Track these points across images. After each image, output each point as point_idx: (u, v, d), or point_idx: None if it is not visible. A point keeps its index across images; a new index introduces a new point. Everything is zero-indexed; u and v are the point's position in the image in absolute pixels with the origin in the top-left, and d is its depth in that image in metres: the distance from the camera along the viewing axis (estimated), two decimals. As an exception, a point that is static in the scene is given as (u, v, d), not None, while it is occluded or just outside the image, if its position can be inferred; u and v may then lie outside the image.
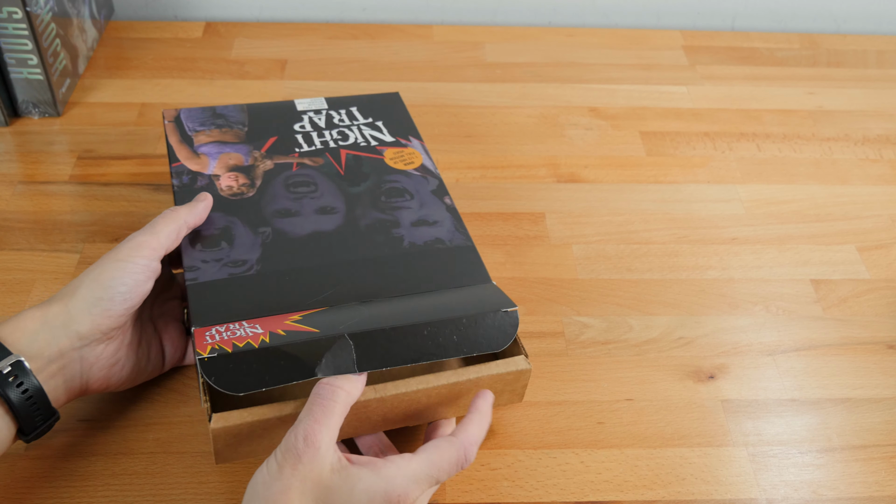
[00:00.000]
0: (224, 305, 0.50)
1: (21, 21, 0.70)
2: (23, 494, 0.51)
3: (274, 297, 0.51)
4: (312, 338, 0.47)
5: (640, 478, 0.53)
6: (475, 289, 0.53)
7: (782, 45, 0.93)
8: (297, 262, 0.53)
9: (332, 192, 0.58)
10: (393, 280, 0.53)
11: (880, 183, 0.75)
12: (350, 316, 0.49)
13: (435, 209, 0.58)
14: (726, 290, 0.65)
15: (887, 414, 0.57)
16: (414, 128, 0.67)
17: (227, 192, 0.57)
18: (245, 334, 0.47)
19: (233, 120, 0.64)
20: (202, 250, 0.53)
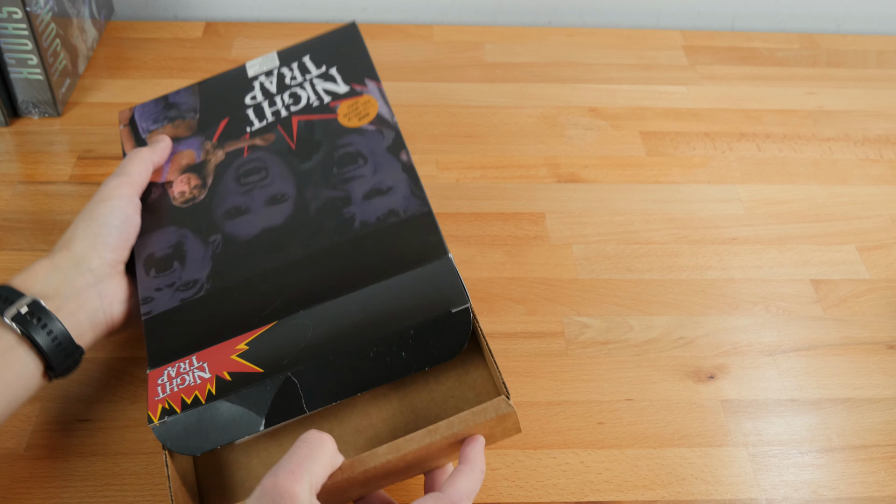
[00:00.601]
0: (176, 338, 0.49)
1: (21, 21, 0.70)
2: (23, 494, 0.51)
3: (222, 318, 0.50)
4: (257, 382, 0.46)
5: (639, 478, 0.53)
6: (428, 271, 0.49)
7: (782, 45, 0.93)
8: (245, 271, 0.52)
9: (282, 175, 0.56)
10: (341, 274, 0.50)
11: (880, 183, 0.75)
12: (295, 340, 0.47)
13: (390, 172, 0.56)
14: (726, 290, 0.65)
15: (887, 414, 0.57)
16: (371, 67, 0.63)
17: (179, 199, 0.56)
18: (193, 381, 0.46)
19: (185, 108, 0.63)
20: (156, 276, 0.52)
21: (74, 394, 0.56)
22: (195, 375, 0.46)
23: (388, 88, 0.83)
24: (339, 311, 0.48)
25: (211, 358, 0.48)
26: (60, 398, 0.56)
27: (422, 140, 0.77)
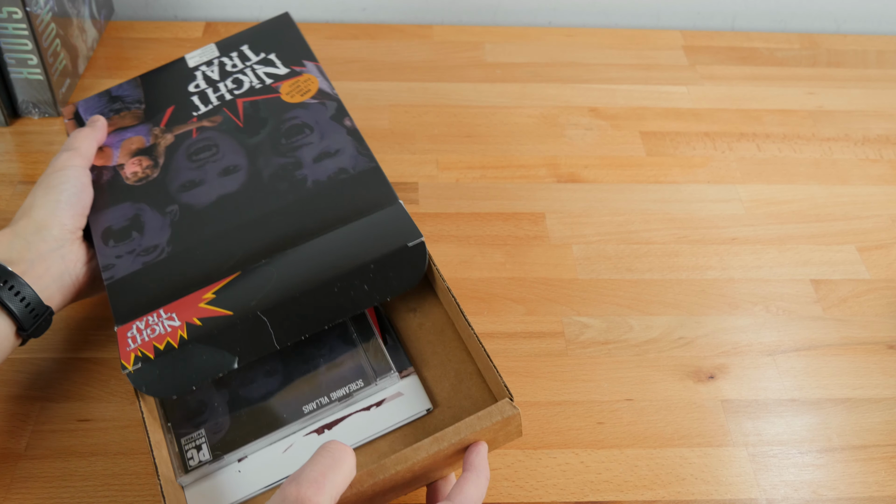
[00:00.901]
0: (142, 297, 0.51)
1: (21, 21, 0.70)
2: (23, 494, 0.51)
3: (187, 274, 0.52)
4: (228, 323, 0.48)
5: (639, 478, 0.53)
6: (381, 216, 0.53)
7: (782, 45, 0.93)
8: (206, 233, 0.54)
9: (233, 150, 0.59)
10: (300, 226, 0.53)
11: (880, 183, 0.75)
12: (260, 284, 0.50)
13: (336, 137, 0.59)
14: (726, 290, 0.65)
15: (887, 414, 0.57)
16: (308, 50, 0.65)
17: (132, 179, 0.58)
18: (164, 331, 0.48)
19: (129, 100, 0.64)
20: (115, 245, 0.54)
21: (74, 394, 0.56)
22: (165, 325, 0.49)
23: (388, 88, 0.83)
24: (301, 257, 0.51)
25: (178, 309, 0.50)
26: (60, 398, 0.56)
27: (422, 140, 0.77)
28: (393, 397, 0.49)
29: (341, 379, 0.50)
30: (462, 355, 0.52)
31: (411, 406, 0.49)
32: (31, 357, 0.58)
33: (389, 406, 0.49)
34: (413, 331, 0.54)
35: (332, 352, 0.51)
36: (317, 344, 0.51)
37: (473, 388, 0.51)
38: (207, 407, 0.49)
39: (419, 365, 0.52)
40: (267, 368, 0.51)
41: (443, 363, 0.52)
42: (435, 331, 0.53)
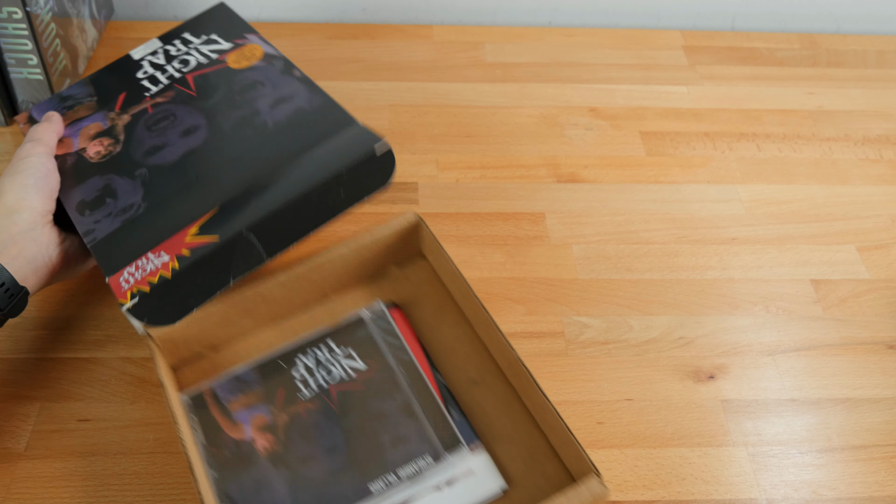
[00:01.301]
0: (126, 248, 0.53)
1: (21, 21, 0.70)
2: (23, 494, 0.51)
3: (168, 221, 0.54)
4: (216, 246, 0.51)
5: (640, 478, 0.53)
6: (343, 135, 0.56)
7: (782, 45, 0.93)
8: (178, 184, 0.56)
9: (189, 114, 0.61)
10: (269, 160, 0.56)
11: (880, 183, 0.75)
12: (241, 209, 0.52)
13: (287, 86, 0.62)
14: (726, 290, 0.65)
15: (887, 414, 0.57)
16: (248, 25, 0.69)
17: (96, 157, 0.60)
18: (155, 267, 0.50)
19: (80, 96, 0.66)
20: (91, 213, 0.56)
21: (74, 394, 0.56)
22: (155, 263, 0.51)
23: (388, 88, 0.83)
24: (276, 181, 0.54)
25: (165, 247, 0.52)
26: (60, 398, 0.56)
27: (422, 140, 0.77)
28: (464, 475, 0.48)
29: (408, 455, 0.49)
30: (531, 429, 0.51)
31: (484, 485, 0.48)
32: (32, 357, 0.58)
33: (461, 485, 0.48)
34: (477, 404, 0.53)
35: (396, 425, 0.50)
36: (380, 418, 0.51)
37: (548, 464, 0.50)
38: (265, 488, 0.49)
39: (487, 440, 0.51)
40: (327, 445, 0.50)
41: (512, 438, 0.50)
42: (500, 403, 0.52)
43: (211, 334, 0.56)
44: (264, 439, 0.51)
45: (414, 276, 0.61)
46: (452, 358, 0.56)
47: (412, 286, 0.60)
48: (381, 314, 0.56)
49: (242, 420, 0.52)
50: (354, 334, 0.55)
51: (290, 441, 0.50)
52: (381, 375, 0.53)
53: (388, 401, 0.51)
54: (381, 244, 0.59)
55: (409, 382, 0.52)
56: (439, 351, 0.56)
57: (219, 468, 0.50)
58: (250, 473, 0.49)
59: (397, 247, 0.60)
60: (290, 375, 0.53)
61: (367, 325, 0.55)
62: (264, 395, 0.53)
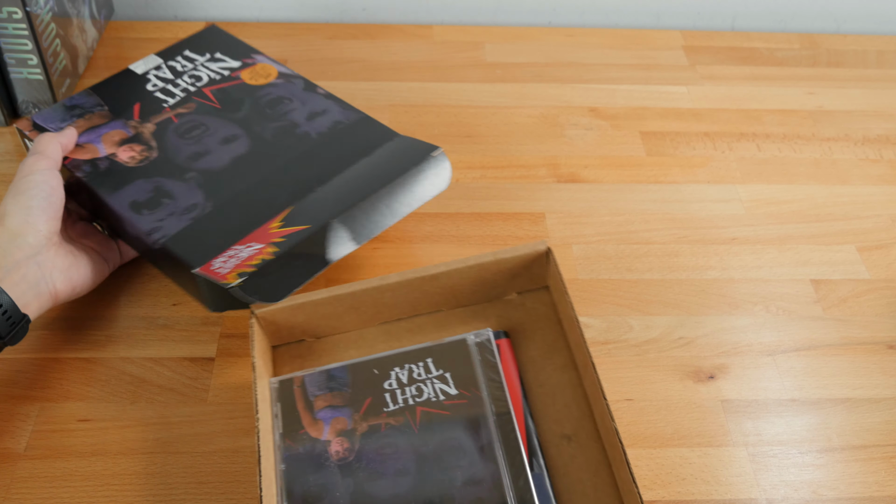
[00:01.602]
0: (206, 242, 0.55)
1: (21, 21, 0.70)
2: (23, 494, 0.51)
3: (240, 219, 0.57)
4: (310, 233, 0.54)
5: (640, 478, 0.53)
6: (394, 146, 0.61)
7: (782, 45, 0.93)
8: (239, 186, 0.59)
9: (222, 125, 0.64)
10: (325, 164, 0.60)
11: (880, 183, 0.75)
12: (318, 205, 0.56)
13: (316, 101, 0.66)
14: (726, 290, 0.65)
15: (887, 414, 0.57)
16: (251, 48, 0.71)
17: (132, 162, 0.60)
18: (251, 253, 0.52)
19: (88, 105, 0.66)
20: (150, 213, 0.57)
21: (74, 394, 0.56)
22: (248, 251, 0.53)
23: (388, 88, 0.83)
24: (342, 184, 0.58)
25: (254, 238, 0.55)
26: (60, 398, 0.56)
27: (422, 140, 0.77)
28: None
29: (476, 500, 0.47)
30: (614, 502, 0.49)
31: None
32: (32, 357, 0.58)
33: None
34: (564, 462, 0.50)
35: (472, 466, 0.48)
36: (457, 452, 0.49)
37: None
38: (328, 493, 0.48)
39: (564, 502, 0.49)
40: (399, 467, 0.48)
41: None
42: (589, 467, 0.50)
43: (315, 325, 0.56)
44: (339, 444, 0.50)
45: (532, 308, 0.58)
46: (551, 405, 0.53)
47: (528, 317, 0.57)
48: (487, 343, 0.53)
49: (324, 419, 0.51)
50: (454, 357, 0.53)
51: (363, 453, 0.49)
52: (471, 407, 0.50)
53: (471, 435, 0.49)
54: (503, 266, 0.56)
55: (497, 422, 0.49)
56: (539, 394, 0.53)
57: (288, 462, 0.49)
58: (317, 476, 0.48)
59: (521, 274, 0.57)
60: (382, 386, 0.52)
61: (470, 350, 0.53)
62: (351, 399, 0.51)
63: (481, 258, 0.55)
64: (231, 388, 0.57)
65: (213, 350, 0.59)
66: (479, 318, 0.58)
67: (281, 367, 0.56)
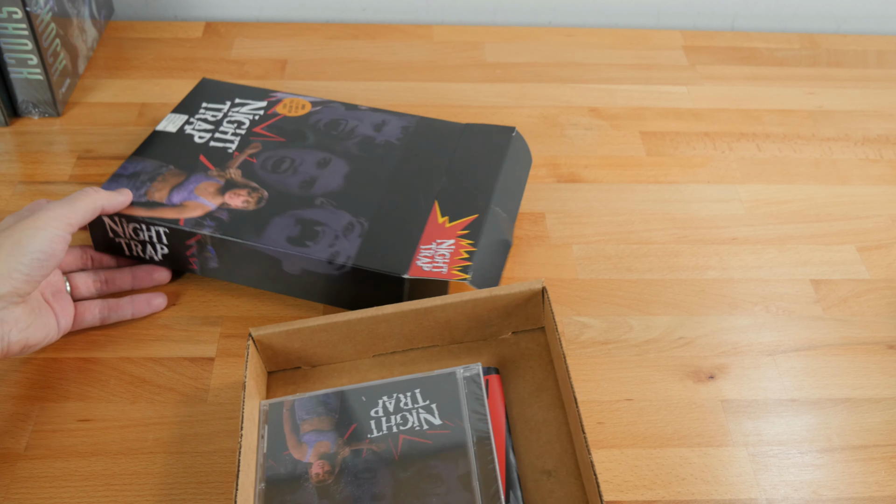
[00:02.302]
0: (391, 251, 0.58)
1: (21, 21, 0.70)
2: (23, 494, 0.51)
3: (400, 223, 0.60)
4: (481, 220, 0.60)
5: (640, 478, 0.53)
6: (474, 132, 0.68)
7: (782, 45, 0.93)
8: (373, 197, 0.62)
9: (302, 153, 0.65)
10: (431, 160, 0.65)
11: (880, 183, 0.75)
12: (463, 195, 0.62)
13: (369, 116, 0.69)
14: (726, 290, 0.65)
15: (887, 414, 0.57)
16: (262, 89, 0.72)
17: (249, 206, 0.60)
18: (451, 249, 0.57)
19: (150, 169, 0.63)
20: (314, 243, 0.58)
21: (74, 394, 0.56)
22: (444, 248, 0.58)
23: (388, 88, 0.83)
24: (465, 172, 0.64)
25: (433, 236, 0.59)
26: (60, 398, 0.56)
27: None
28: None
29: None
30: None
31: None
32: (32, 357, 0.58)
33: None
34: (542, 497, 0.51)
35: (448, 494, 0.48)
36: (435, 480, 0.49)
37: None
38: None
39: None
40: (376, 491, 0.49)
41: None
42: (565, 501, 0.50)
43: (311, 353, 0.56)
44: (320, 466, 0.50)
45: (526, 347, 0.58)
46: (534, 441, 0.53)
47: (520, 356, 0.58)
48: (476, 377, 0.54)
49: (308, 442, 0.52)
50: (442, 389, 0.53)
51: (341, 476, 0.50)
52: (453, 438, 0.51)
53: (450, 465, 0.50)
54: (498, 304, 0.56)
55: (476, 454, 0.50)
56: (523, 430, 0.54)
57: (269, 482, 0.50)
58: (294, 496, 0.49)
59: (516, 312, 0.58)
60: (368, 413, 0.53)
61: (458, 383, 0.54)
62: (337, 424, 0.52)
63: (476, 294, 0.55)
64: (231, 388, 0.57)
65: (213, 350, 0.59)
66: (472, 355, 0.58)
67: (274, 391, 0.56)
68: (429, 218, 0.60)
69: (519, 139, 0.68)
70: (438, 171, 0.64)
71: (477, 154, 0.66)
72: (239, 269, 0.60)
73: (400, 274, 0.56)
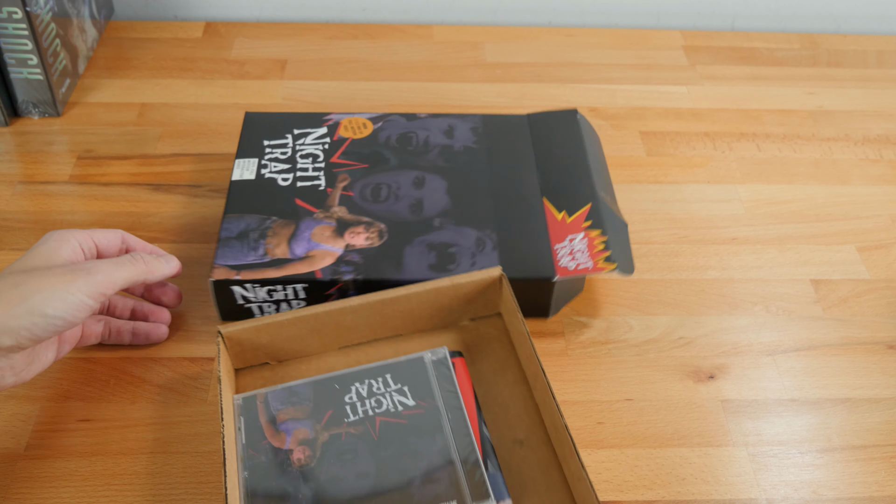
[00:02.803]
0: (530, 256, 0.60)
1: (21, 21, 0.70)
2: (23, 494, 0.51)
3: (526, 227, 0.62)
4: (594, 208, 0.63)
5: (640, 478, 0.53)
6: (542, 121, 0.70)
7: (782, 45, 0.93)
8: (484, 205, 0.63)
9: (392, 176, 0.65)
10: (515, 157, 0.67)
11: (880, 183, 0.75)
12: (565, 187, 0.65)
13: (434, 123, 0.70)
14: (726, 290, 0.65)
15: (887, 414, 0.57)
16: (317, 115, 0.70)
17: (373, 242, 0.60)
18: (585, 244, 0.60)
19: (255, 224, 0.61)
20: (454, 265, 0.59)
21: (74, 394, 0.56)
22: (578, 243, 0.60)
23: (388, 88, 0.83)
24: (559, 163, 0.67)
25: (560, 233, 0.61)
26: (60, 398, 0.56)
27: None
28: None
29: (435, 496, 0.49)
30: (565, 498, 0.51)
31: None
32: (31, 357, 0.58)
33: None
34: (516, 464, 0.53)
35: (430, 466, 0.50)
36: (415, 455, 0.51)
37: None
38: (290, 496, 0.49)
39: (518, 498, 0.51)
40: (359, 470, 0.50)
41: (543, 501, 0.51)
42: (540, 467, 0.52)
43: (279, 347, 0.57)
44: (301, 452, 0.51)
45: (485, 332, 0.60)
46: (503, 415, 0.55)
47: (481, 340, 0.60)
48: (444, 360, 0.55)
49: (286, 430, 0.52)
50: (412, 372, 0.55)
51: (324, 458, 0.51)
52: (428, 416, 0.53)
53: (428, 441, 0.51)
54: (459, 291, 0.58)
55: (452, 428, 0.52)
56: (492, 406, 0.55)
57: (252, 469, 0.51)
58: (280, 480, 0.50)
59: (475, 300, 0.59)
60: (342, 399, 0.54)
61: (427, 366, 0.55)
62: (312, 412, 0.53)
63: (438, 283, 0.57)
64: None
65: (214, 350, 0.59)
66: (435, 342, 0.60)
67: (244, 387, 0.57)
68: (547, 216, 0.62)
69: (584, 120, 0.70)
70: (529, 167, 0.66)
71: (557, 143, 0.68)
72: None
73: (550, 278, 0.58)
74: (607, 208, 0.64)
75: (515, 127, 0.70)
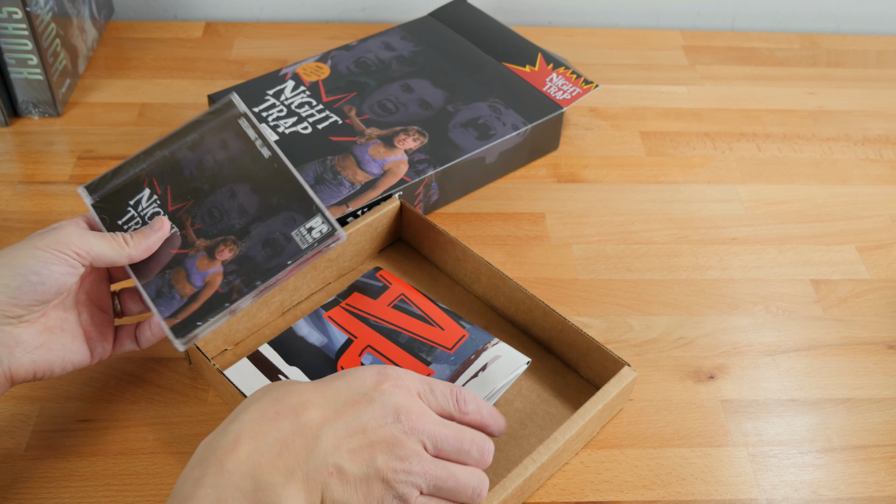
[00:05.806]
0: (535, 102, 0.72)
1: (21, 21, 0.70)
2: (23, 494, 0.51)
3: (510, 78, 0.75)
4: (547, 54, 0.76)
5: (640, 478, 0.53)
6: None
7: (782, 45, 0.93)
8: (473, 79, 0.75)
9: (380, 92, 0.72)
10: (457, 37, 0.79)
11: (880, 183, 0.75)
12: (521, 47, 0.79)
13: (369, 42, 0.78)
14: (726, 290, 0.65)
15: (887, 414, 0.57)
16: (271, 74, 0.75)
17: (418, 144, 0.68)
18: (560, 81, 0.73)
19: (320, 169, 0.66)
20: (493, 134, 0.70)
21: (74, 394, 0.56)
22: (556, 80, 0.74)
23: (388, 88, 0.83)
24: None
25: (538, 80, 0.74)
26: (60, 398, 0.56)
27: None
28: (493, 360, 0.55)
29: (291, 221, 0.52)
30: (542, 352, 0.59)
31: (512, 362, 0.55)
32: (31, 357, 0.58)
33: (494, 367, 0.55)
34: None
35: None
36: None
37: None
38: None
39: None
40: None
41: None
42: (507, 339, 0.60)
43: (234, 330, 0.58)
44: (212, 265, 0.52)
45: (405, 263, 0.65)
46: (453, 301, 0.62)
47: (408, 266, 0.65)
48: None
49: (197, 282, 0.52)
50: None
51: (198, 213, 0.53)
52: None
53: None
54: (371, 228, 0.63)
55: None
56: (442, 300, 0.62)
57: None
58: None
59: (385, 231, 0.65)
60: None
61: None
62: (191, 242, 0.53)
63: (353, 225, 0.61)
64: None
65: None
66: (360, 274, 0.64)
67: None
68: (518, 74, 0.75)
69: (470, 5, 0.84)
70: (472, 48, 0.77)
71: (470, 24, 0.80)
72: (453, 187, 0.69)
73: (560, 110, 0.72)
74: (547, 52, 0.77)
75: (432, 27, 0.80)
